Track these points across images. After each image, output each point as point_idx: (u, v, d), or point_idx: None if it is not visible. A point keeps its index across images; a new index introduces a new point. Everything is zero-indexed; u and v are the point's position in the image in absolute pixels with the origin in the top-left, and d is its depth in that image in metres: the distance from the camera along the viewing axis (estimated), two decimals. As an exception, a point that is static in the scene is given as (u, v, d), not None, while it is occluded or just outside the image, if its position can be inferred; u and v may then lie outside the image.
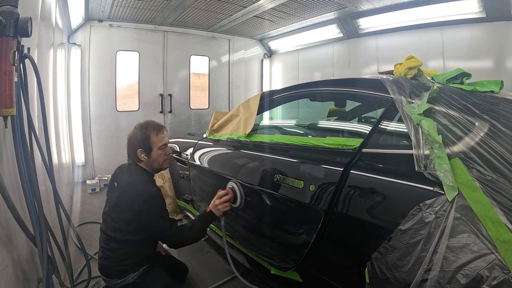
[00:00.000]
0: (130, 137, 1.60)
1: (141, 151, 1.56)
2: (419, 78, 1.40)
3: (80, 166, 4.20)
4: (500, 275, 0.73)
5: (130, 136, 1.61)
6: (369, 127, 1.46)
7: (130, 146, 1.60)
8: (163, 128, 1.67)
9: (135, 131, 1.61)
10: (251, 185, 1.71)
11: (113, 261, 1.48)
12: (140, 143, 1.56)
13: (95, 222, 2.83)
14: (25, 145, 1.07)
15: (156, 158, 1.60)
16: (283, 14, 3.94)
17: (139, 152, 1.56)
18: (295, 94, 1.90)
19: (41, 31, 1.75)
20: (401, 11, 3.30)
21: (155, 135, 1.59)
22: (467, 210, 0.83)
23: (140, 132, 1.59)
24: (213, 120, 2.38)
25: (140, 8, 3.78)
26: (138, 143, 1.56)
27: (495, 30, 2.76)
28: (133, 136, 1.60)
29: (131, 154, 1.60)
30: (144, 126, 1.61)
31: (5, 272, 0.91)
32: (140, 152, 1.56)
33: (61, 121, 2.97)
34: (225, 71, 5.46)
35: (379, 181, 1.10)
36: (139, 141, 1.56)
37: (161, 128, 1.65)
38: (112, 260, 1.48)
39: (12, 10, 0.93)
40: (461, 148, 0.95)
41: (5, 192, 0.88)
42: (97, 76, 4.23)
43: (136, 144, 1.57)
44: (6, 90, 0.92)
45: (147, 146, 1.57)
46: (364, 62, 4.01)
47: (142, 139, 1.57)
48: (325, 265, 1.30)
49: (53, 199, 1.53)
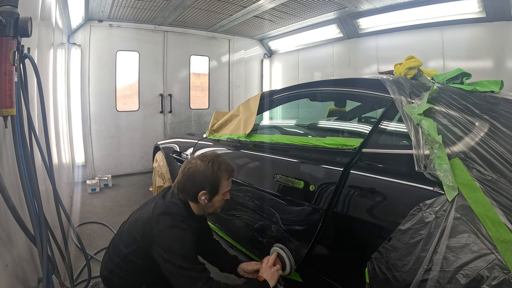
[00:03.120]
0: (194, 172, 1.27)
1: (204, 194, 1.27)
2: (419, 78, 1.40)
3: (80, 166, 4.20)
4: (500, 275, 0.73)
5: (194, 170, 1.28)
6: (369, 127, 1.46)
7: (189, 182, 1.27)
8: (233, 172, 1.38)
9: (203, 166, 1.28)
10: (251, 185, 1.71)
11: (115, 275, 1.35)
12: (207, 185, 1.27)
13: (95, 222, 2.83)
14: (25, 145, 1.07)
15: (216, 203, 1.33)
16: (283, 14, 3.94)
17: (201, 194, 1.26)
18: (295, 94, 1.90)
19: (41, 31, 1.75)
20: (401, 11, 3.30)
21: (226, 179, 1.31)
22: (467, 210, 0.83)
23: (211, 170, 1.27)
24: (213, 120, 2.38)
25: (140, 8, 3.78)
26: (204, 183, 1.26)
27: (495, 30, 2.76)
28: (200, 172, 1.27)
29: (188, 192, 1.28)
30: (217, 164, 1.29)
31: (5, 272, 0.91)
32: (202, 194, 1.27)
33: (61, 121, 2.97)
34: (225, 71, 5.46)
35: (379, 181, 1.10)
36: (207, 182, 1.26)
37: (233, 171, 1.36)
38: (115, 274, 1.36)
39: (12, 10, 0.93)
40: (461, 148, 0.95)
41: (5, 192, 0.88)
42: (97, 76, 4.23)
43: (201, 184, 1.26)
44: (6, 90, 0.92)
45: (213, 190, 1.28)
46: (364, 62, 4.01)
47: (211, 180, 1.27)
48: (325, 265, 1.30)
49: (53, 199, 1.53)
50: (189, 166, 1.30)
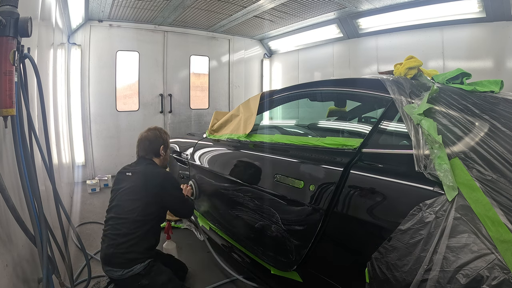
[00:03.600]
0: (151, 136, 1.89)
1: (163, 148, 1.90)
2: (419, 78, 1.40)
3: (80, 166, 4.21)
4: (500, 275, 0.73)
5: (150, 135, 1.89)
6: (369, 127, 1.46)
7: (151, 143, 1.86)
8: None
9: (154, 132, 1.91)
10: (251, 185, 1.71)
11: (122, 247, 1.53)
12: (162, 142, 1.90)
13: (95, 222, 2.83)
14: (25, 145, 1.07)
15: (166, 157, 1.97)
16: (283, 14, 3.94)
17: (161, 148, 1.88)
18: (295, 94, 1.90)
19: (41, 31, 1.75)
20: (401, 11, 3.30)
21: (169, 138, 2.00)
22: (467, 210, 0.83)
23: (159, 133, 1.92)
24: (213, 120, 2.38)
25: (140, 8, 3.78)
26: (160, 141, 1.89)
27: (495, 30, 2.76)
28: (154, 135, 1.89)
29: (152, 149, 1.86)
30: (161, 130, 1.96)
31: (5, 272, 0.91)
32: (162, 148, 1.89)
33: (61, 121, 2.97)
34: (225, 71, 5.46)
35: (379, 181, 1.10)
36: (161, 140, 1.90)
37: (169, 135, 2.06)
38: (121, 246, 1.53)
39: (12, 10, 0.94)
40: (461, 148, 0.95)
41: (5, 192, 0.88)
42: (97, 76, 4.23)
43: (159, 141, 1.89)
44: (6, 90, 0.92)
45: (166, 146, 1.93)
46: (364, 62, 4.01)
47: (163, 139, 1.91)
48: (325, 265, 1.30)
49: (53, 199, 1.53)
50: (142, 135, 1.92)
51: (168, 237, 2.17)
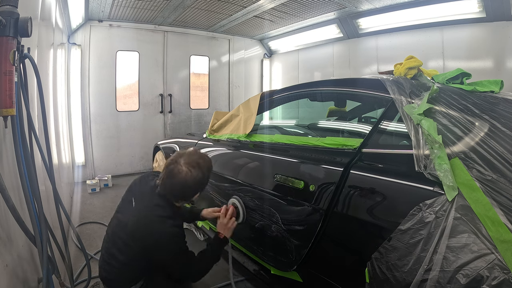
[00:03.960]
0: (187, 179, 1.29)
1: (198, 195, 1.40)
2: (419, 78, 1.40)
3: (80, 166, 4.20)
4: (500, 275, 0.73)
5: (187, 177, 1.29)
6: (369, 127, 1.46)
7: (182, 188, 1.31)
8: None
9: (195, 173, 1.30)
10: (251, 185, 1.71)
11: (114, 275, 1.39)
12: (200, 188, 1.37)
13: (95, 222, 2.83)
14: (25, 145, 1.07)
15: None
16: (283, 14, 3.94)
17: (196, 197, 1.39)
18: (295, 94, 1.90)
19: (41, 31, 1.75)
20: (401, 11, 3.30)
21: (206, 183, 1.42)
22: (467, 210, 0.83)
23: (205, 176, 1.35)
24: (213, 120, 2.38)
25: (140, 8, 3.78)
26: (198, 188, 1.35)
27: (495, 30, 2.76)
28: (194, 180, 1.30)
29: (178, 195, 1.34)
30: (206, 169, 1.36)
31: (5, 272, 0.91)
32: (197, 196, 1.40)
33: (61, 121, 2.97)
34: (225, 71, 5.46)
35: (379, 181, 1.10)
36: (202, 186, 1.36)
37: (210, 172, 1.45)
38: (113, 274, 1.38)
39: (12, 10, 0.93)
40: (461, 148, 0.95)
41: (5, 192, 0.88)
42: (97, 76, 4.23)
43: (195, 189, 1.35)
44: (6, 90, 0.92)
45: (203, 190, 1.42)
46: (364, 62, 4.01)
47: (205, 184, 1.38)
48: (325, 265, 1.30)
49: (53, 199, 1.53)
50: (178, 170, 1.29)
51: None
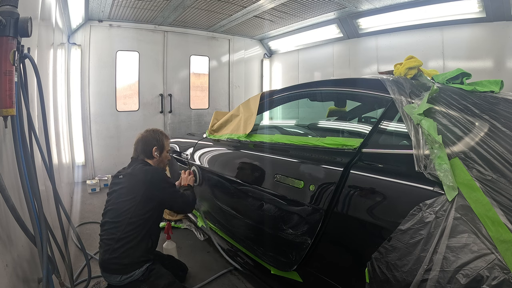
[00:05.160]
0: (145, 137, 1.83)
1: (156, 149, 1.81)
2: (419, 78, 1.40)
3: (80, 166, 4.20)
4: (500, 275, 0.73)
5: (145, 136, 1.83)
6: (369, 127, 1.46)
7: (144, 144, 1.80)
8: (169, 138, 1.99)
9: (149, 133, 1.84)
10: (251, 185, 1.71)
11: (118, 252, 1.48)
12: (155, 143, 1.82)
13: (95, 222, 2.83)
14: (25, 145, 1.07)
15: (163, 158, 1.88)
16: (283, 14, 3.94)
17: (154, 149, 1.80)
18: (295, 94, 1.90)
19: (41, 31, 1.75)
20: (401, 11, 3.30)
21: (166, 140, 1.90)
22: (467, 210, 0.83)
23: (154, 135, 1.84)
24: (213, 120, 2.38)
25: (140, 8, 3.78)
26: (153, 142, 1.81)
27: (495, 30, 2.76)
28: (148, 136, 1.83)
29: (144, 150, 1.80)
30: (157, 131, 1.87)
31: (5, 272, 0.91)
32: (155, 149, 1.81)
33: (61, 121, 2.97)
34: (225, 71, 5.46)
35: (379, 181, 1.10)
36: (155, 141, 1.82)
37: (168, 136, 1.96)
38: (117, 251, 1.48)
39: (12, 10, 0.93)
40: (461, 148, 0.95)
41: (5, 192, 0.88)
42: (97, 76, 4.23)
43: (151, 143, 1.81)
44: (6, 90, 0.92)
45: (161, 147, 1.84)
46: (364, 62, 4.01)
47: (157, 140, 1.83)
48: (325, 265, 1.30)
49: (53, 199, 1.53)
50: (138, 137, 1.85)
51: (168, 237, 2.18)
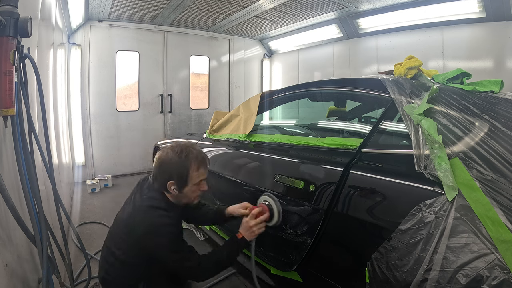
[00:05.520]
0: (163, 161, 1.27)
1: (172, 184, 1.25)
2: (419, 78, 1.40)
3: (80, 166, 4.20)
4: (500, 275, 0.73)
5: (164, 159, 1.27)
6: (369, 127, 1.46)
7: (160, 172, 1.27)
8: (206, 161, 1.32)
9: (171, 155, 1.26)
10: (251, 185, 1.71)
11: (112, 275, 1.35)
12: (174, 174, 1.24)
13: (95, 222, 2.83)
14: (25, 145, 1.07)
15: (188, 194, 1.30)
16: (283, 14, 3.94)
17: (169, 184, 1.25)
18: (295, 94, 1.90)
19: (41, 31, 1.75)
20: (401, 11, 3.30)
21: (195, 169, 1.26)
22: (467, 210, 0.83)
23: (178, 160, 1.24)
24: (213, 120, 2.38)
25: (140, 8, 3.78)
26: (171, 173, 1.24)
27: (495, 30, 2.76)
28: (167, 161, 1.25)
29: (159, 181, 1.28)
30: (185, 153, 1.25)
31: (5, 272, 0.91)
32: (171, 184, 1.25)
33: (61, 121, 2.97)
34: (225, 71, 5.46)
35: (379, 181, 1.10)
36: (174, 171, 1.24)
37: (204, 160, 1.31)
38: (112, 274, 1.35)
39: (12, 10, 0.94)
40: (461, 148, 0.95)
41: (5, 192, 0.88)
42: (97, 76, 4.23)
43: (169, 173, 1.24)
44: (6, 90, 0.92)
45: (182, 180, 1.25)
46: (364, 62, 4.01)
47: (178, 169, 1.24)
48: (325, 265, 1.30)
49: (53, 199, 1.53)
50: (159, 154, 1.29)
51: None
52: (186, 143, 1.33)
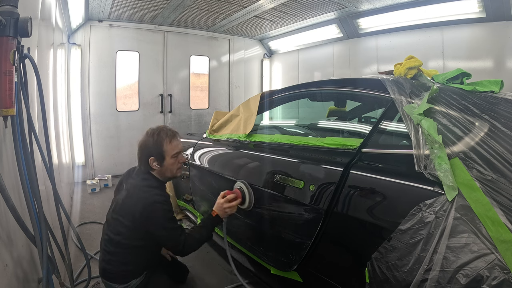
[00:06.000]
0: (141, 144, 1.51)
1: (153, 160, 1.47)
2: (419, 78, 1.40)
3: (80, 166, 4.20)
4: (500, 275, 0.73)
5: (141, 143, 1.51)
6: (369, 127, 1.46)
7: (141, 154, 1.50)
8: (177, 135, 1.56)
9: (146, 137, 1.51)
10: (251, 185, 1.71)
11: (114, 264, 1.43)
12: (152, 151, 1.47)
13: (95, 222, 2.83)
14: (25, 145, 1.07)
15: (168, 166, 1.51)
16: (283, 14, 3.94)
17: (150, 160, 1.47)
18: (295, 94, 1.90)
19: (41, 31, 1.75)
20: (401, 11, 3.30)
21: (168, 142, 1.49)
22: (467, 210, 0.83)
23: (152, 139, 1.48)
24: (213, 120, 2.38)
25: (140, 8, 3.78)
26: (150, 151, 1.47)
27: (495, 30, 2.76)
28: (145, 143, 1.50)
29: (142, 161, 1.50)
30: (156, 132, 1.50)
31: (5, 272, 0.91)
32: (152, 160, 1.47)
33: (61, 121, 2.97)
34: (225, 71, 5.46)
35: (379, 181, 1.10)
36: (151, 149, 1.47)
37: (174, 134, 1.54)
38: (113, 263, 1.43)
39: (12, 10, 0.93)
40: (461, 148, 0.95)
41: (5, 192, 0.88)
42: (97, 76, 4.23)
43: (147, 152, 1.47)
44: (6, 90, 0.92)
45: (159, 155, 1.47)
46: (364, 62, 4.01)
47: (154, 147, 1.47)
48: (325, 265, 1.30)
49: (53, 199, 1.53)
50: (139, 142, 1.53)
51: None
52: (157, 125, 1.58)
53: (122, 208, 1.43)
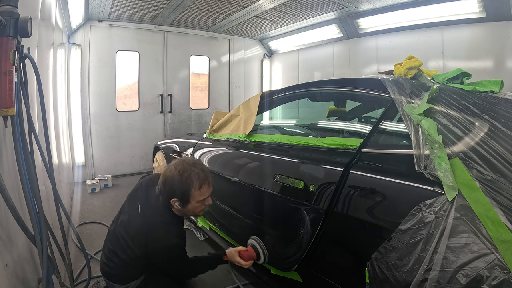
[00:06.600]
0: (166, 179, 1.34)
1: (175, 201, 1.34)
2: (419, 78, 1.40)
3: (80, 166, 4.20)
4: (500, 275, 0.73)
5: (167, 177, 1.34)
6: (369, 127, 1.46)
7: (164, 189, 1.35)
8: (208, 180, 1.37)
9: (174, 173, 1.32)
10: (251, 185, 1.71)
11: (115, 270, 1.45)
12: (176, 193, 1.32)
13: (95, 222, 2.83)
14: (25, 145, 1.07)
15: (191, 209, 1.38)
16: (283, 14, 3.94)
17: (173, 201, 1.34)
18: (295, 94, 1.90)
19: (41, 31, 1.75)
20: (401, 11, 3.30)
21: (197, 189, 1.32)
22: (467, 210, 0.83)
23: (180, 179, 1.30)
24: (213, 120, 2.38)
25: (140, 8, 3.78)
26: (174, 191, 1.32)
27: (495, 30, 2.76)
28: (171, 179, 1.32)
29: (164, 196, 1.36)
30: (187, 174, 1.31)
31: (5, 272, 0.91)
32: (174, 201, 1.34)
33: (61, 121, 2.97)
34: (225, 71, 5.46)
35: (379, 181, 1.10)
36: (176, 191, 1.31)
37: (205, 180, 1.35)
38: (114, 269, 1.45)
39: (12, 10, 0.93)
40: (461, 148, 0.95)
41: (5, 192, 0.88)
42: (97, 76, 4.23)
43: (171, 192, 1.32)
44: (6, 90, 0.92)
45: (184, 199, 1.33)
46: (364, 62, 4.01)
47: (180, 189, 1.31)
48: (325, 265, 1.30)
49: (53, 199, 1.53)
50: (164, 171, 1.38)
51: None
52: (189, 161, 1.39)
53: (135, 237, 1.35)
